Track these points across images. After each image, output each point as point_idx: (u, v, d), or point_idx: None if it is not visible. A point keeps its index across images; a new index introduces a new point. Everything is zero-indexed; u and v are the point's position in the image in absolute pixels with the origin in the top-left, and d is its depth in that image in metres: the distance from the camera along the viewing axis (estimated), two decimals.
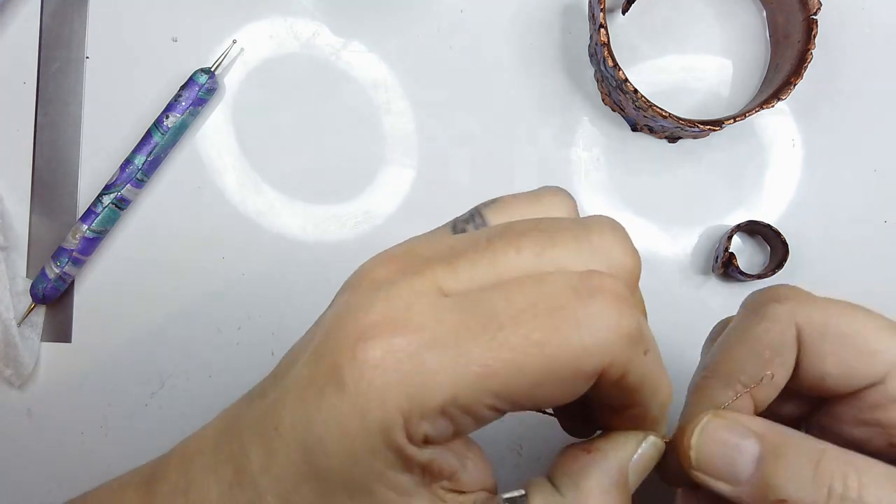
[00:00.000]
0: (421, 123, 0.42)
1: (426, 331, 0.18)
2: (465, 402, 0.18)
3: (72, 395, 0.41)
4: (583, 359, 0.18)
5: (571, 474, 0.21)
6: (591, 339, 0.18)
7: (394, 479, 0.19)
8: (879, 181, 0.42)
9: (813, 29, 0.38)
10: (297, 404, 0.19)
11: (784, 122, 0.42)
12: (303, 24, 0.42)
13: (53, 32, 0.42)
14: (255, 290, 0.42)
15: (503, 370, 0.18)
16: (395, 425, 0.18)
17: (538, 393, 0.19)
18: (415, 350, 0.18)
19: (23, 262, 0.41)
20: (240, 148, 0.42)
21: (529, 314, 0.18)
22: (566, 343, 0.18)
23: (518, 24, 0.43)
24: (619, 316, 0.19)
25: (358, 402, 0.18)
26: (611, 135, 0.42)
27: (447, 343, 0.18)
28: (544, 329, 0.18)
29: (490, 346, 0.18)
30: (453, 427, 0.19)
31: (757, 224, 0.41)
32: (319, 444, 0.19)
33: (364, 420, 0.18)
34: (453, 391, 0.18)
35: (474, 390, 0.18)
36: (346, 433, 0.18)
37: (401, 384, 0.18)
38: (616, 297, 0.19)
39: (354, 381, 0.18)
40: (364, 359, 0.18)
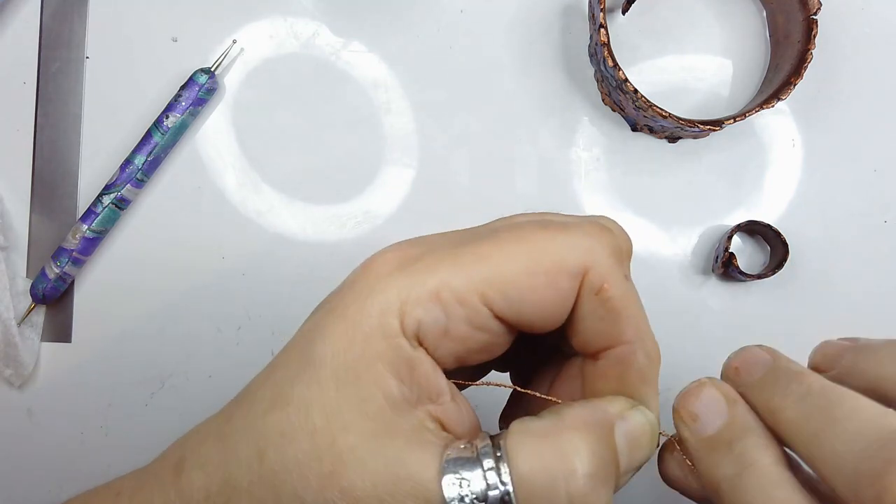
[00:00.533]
0: (421, 123, 0.42)
1: (428, 242, 0.21)
2: (457, 287, 0.20)
3: (72, 395, 0.41)
4: (566, 252, 0.20)
5: (553, 410, 0.21)
6: (575, 238, 0.21)
7: (382, 377, 0.20)
8: (879, 181, 0.42)
9: (813, 29, 0.38)
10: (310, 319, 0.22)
11: (784, 122, 0.42)
12: (303, 24, 0.42)
13: (53, 32, 0.42)
14: (255, 290, 0.42)
15: (493, 255, 0.20)
16: (390, 308, 0.20)
17: (526, 283, 0.20)
18: (415, 253, 0.21)
19: (23, 262, 0.41)
20: (240, 148, 0.42)
21: (525, 225, 0.21)
22: (552, 238, 0.20)
23: (518, 24, 0.43)
24: (602, 230, 0.21)
25: (361, 291, 0.20)
26: (611, 135, 0.42)
27: (449, 245, 0.21)
28: (534, 229, 0.21)
29: (483, 240, 0.21)
30: (445, 319, 0.20)
31: (757, 224, 0.41)
32: (318, 332, 0.20)
33: (363, 305, 0.20)
34: (447, 274, 0.20)
35: (465, 275, 0.20)
36: (344, 317, 0.20)
37: (401, 274, 0.20)
38: (601, 225, 0.22)
39: (363, 277, 0.20)
40: (370, 263, 0.21)
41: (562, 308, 0.21)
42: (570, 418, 0.20)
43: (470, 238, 0.21)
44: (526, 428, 0.20)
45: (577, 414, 0.20)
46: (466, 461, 0.19)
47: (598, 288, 0.21)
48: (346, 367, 0.20)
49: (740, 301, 0.42)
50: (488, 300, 0.20)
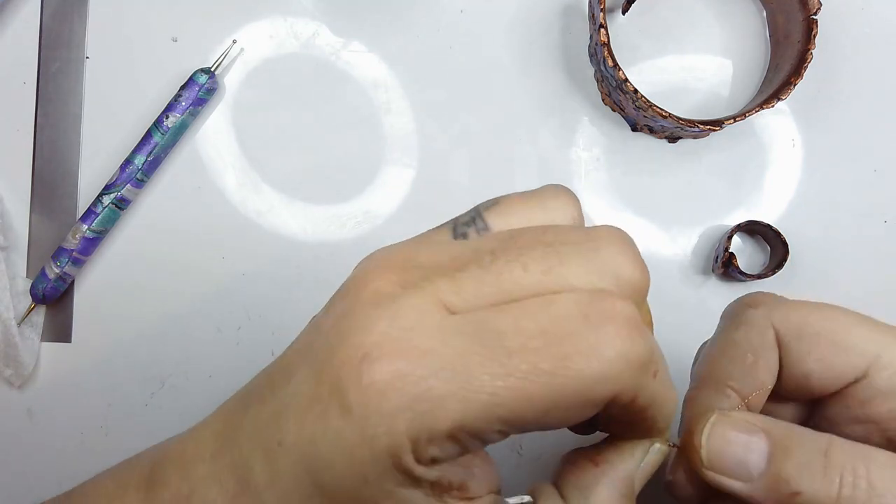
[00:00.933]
0: (421, 123, 0.42)
1: (432, 354, 0.18)
2: (472, 428, 0.18)
3: (72, 395, 0.41)
4: (593, 388, 0.18)
5: (580, 487, 0.21)
6: (601, 368, 0.18)
7: (404, 496, 0.19)
8: (879, 181, 0.42)
9: (813, 29, 0.38)
10: (301, 423, 0.19)
11: (784, 122, 0.42)
12: (303, 24, 0.42)
13: (53, 32, 0.42)
14: (255, 290, 0.42)
15: (512, 398, 0.18)
16: (403, 450, 0.18)
17: (546, 419, 0.19)
18: (421, 375, 0.18)
19: (23, 262, 0.41)
20: (240, 148, 0.42)
21: (539, 341, 0.18)
22: (576, 373, 0.18)
23: (518, 24, 0.43)
24: (630, 344, 0.19)
25: (365, 428, 0.18)
26: (611, 135, 0.42)
27: (454, 369, 0.18)
28: (554, 358, 0.18)
29: (498, 374, 0.18)
30: (461, 448, 0.19)
31: (757, 224, 0.41)
32: (327, 466, 0.19)
33: (372, 446, 0.18)
34: (461, 418, 0.18)
35: (482, 417, 0.18)
36: (353, 457, 0.18)
37: (408, 410, 0.18)
38: (626, 323, 0.19)
39: (360, 406, 0.18)
40: (369, 383, 0.18)
41: (584, 419, 0.20)
42: (597, 500, 0.21)
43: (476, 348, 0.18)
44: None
45: (605, 497, 0.21)
46: None
47: (627, 402, 0.20)
48: (364, 502, 0.19)
49: None
50: (505, 431, 0.19)
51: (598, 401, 0.19)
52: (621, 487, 0.22)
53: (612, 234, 0.20)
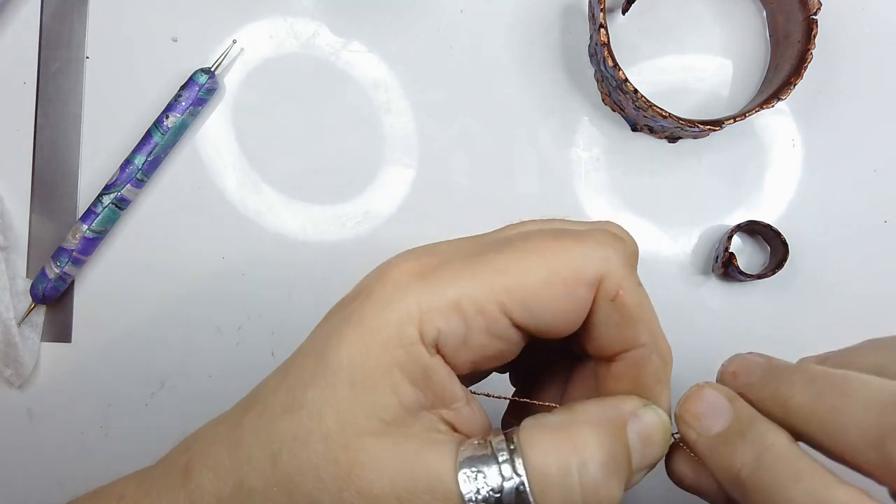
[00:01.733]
0: (421, 123, 0.42)
1: (448, 252, 0.21)
2: (477, 298, 0.20)
3: (72, 395, 0.41)
4: (582, 262, 0.21)
5: (566, 407, 0.22)
6: (590, 248, 0.21)
7: (398, 383, 0.20)
8: (879, 181, 0.42)
9: (813, 29, 0.38)
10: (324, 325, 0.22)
11: (784, 122, 0.42)
12: (303, 24, 0.42)
13: (53, 32, 0.42)
14: (255, 290, 0.42)
15: (512, 267, 0.20)
16: (409, 317, 0.20)
17: (545, 293, 0.20)
18: (437, 263, 0.21)
19: (23, 262, 0.41)
20: (240, 148, 0.42)
21: (539, 234, 0.21)
22: (568, 249, 0.21)
23: (518, 24, 0.43)
24: (615, 239, 0.22)
25: (379, 300, 0.20)
26: (611, 135, 0.42)
27: (465, 256, 0.21)
28: (550, 240, 0.21)
29: (501, 252, 0.21)
30: (465, 329, 0.20)
31: (757, 224, 0.41)
32: (335, 338, 0.20)
33: (381, 313, 0.20)
34: (468, 286, 0.20)
35: (486, 286, 0.20)
36: (361, 325, 0.20)
37: (420, 284, 0.20)
38: (616, 234, 0.22)
39: (380, 286, 0.20)
40: (390, 272, 0.21)
41: (578, 315, 0.21)
42: (582, 414, 0.21)
43: (485, 248, 0.21)
44: (538, 423, 0.21)
45: (589, 410, 0.21)
46: (481, 456, 0.19)
47: (614, 295, 0.21)
48: (361, 372, 0.20)
49: (740, 301, 0.42)
50: (507, 310, 0.20)
51: (587, 276, 0.21)
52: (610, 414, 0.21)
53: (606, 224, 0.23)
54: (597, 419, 0.21)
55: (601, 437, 0.20)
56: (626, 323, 0.22)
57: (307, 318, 0.23)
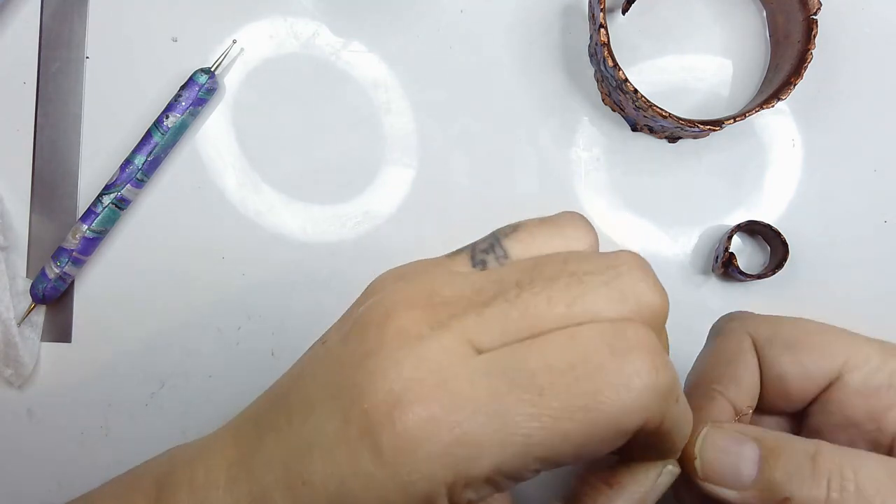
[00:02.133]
0: (421, 123, 0.42)
1: (464, 397, 0.18)
2: (509, 470, 0.19)
3: (72, 395, 0.41)
4: (624, 419, 0.19)
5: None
6: (631, 399, 0.18)
7: None
8: (879, 181, 0.42)
9: (813, 29, 0.38)
10: (328, 462, 0.19)
11: (784, 122, 0.42)
12: (303, 24, 0.42)
13: (53, 32, 0.42)
14: (255, 290, 0.42)
15: (547, 437, 0.18)
16: (439, 495, 0.18)
17: (581, 452, 0.19)
18: (455, 420, 0.18)
19: (23, 262, 0.41)
20: (240, 148, 0.42)
21: (569, 377, 0.18)
22: (608, 406, 0.18)
23: (518, 24, 0.43)
24: (656, 374, 0.19)
25: (399, 474, 0.18)
26: (611, 135, 0.42)
27: (488, 411, 0.18)
28: (585, 393, 0.18)
29: (532, 415, 0.18)
30: (496, 489, 0.19)
31: (757, 224, 0.41)
32: (361, 481, 0.19)
33: (407, 492, 0.18)
34: (499, 462, 0.18)
35: (519, 458, 0.18)
36: (386, 501, 0.19)
37: (444, 456, 0.18)
38: (651, 353, 0.19)
39: (394, 451, 0.18)
40: (403, 428, 0.18)
41: (614, 448, 0.20)
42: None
43: (507, 388, 0.19)
44: None
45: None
46: None
47: (653, 429, 0.20)
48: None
49: (740, 301, 0.42)
50: (541, 469, 0.19)
51: (629, 431, 0.19)
52: None
53: (631, 260, 0.21)
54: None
55: None
56: (661, 440, 0.21)
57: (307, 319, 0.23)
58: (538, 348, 0.19)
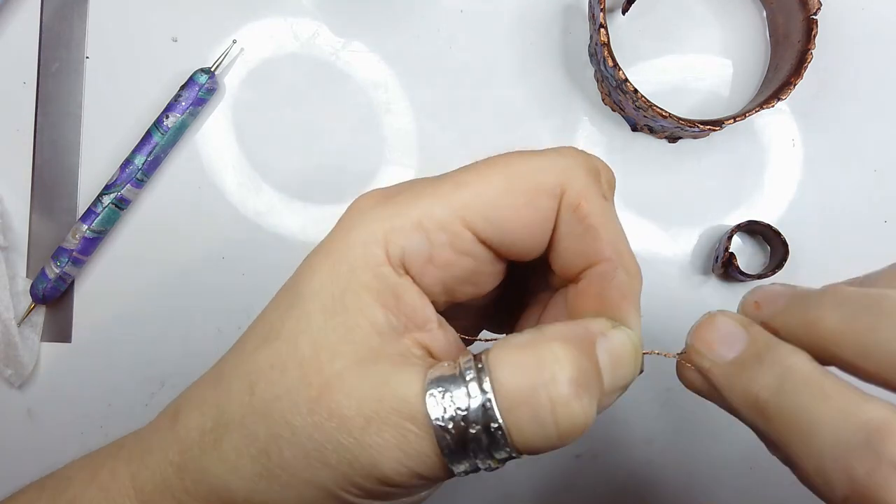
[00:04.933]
0: (421, 123, 0.42)
1: (412, 181, 0.22)
2: (438, 214, 0.20)
3: (72, 395, 0.41)
4: (543, 172, 0.21)
5: (535, 327, 0.21)
6: (551, 159, 0.21)
7: (368, 306, 0.20)
8: (879, 181, 0.42)
9: (813, 29, 0.38)
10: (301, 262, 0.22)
11: (784, 122, 0.42)
12: (303, 24, 0.42)
13: (53, 32, 0.42)
14: (255, 290, 0.41)
15: (472, 181, 0.21)
16: (374, 239, 0.20)
17: (506, 204, 0.21)
18: (400, 189, 0.21)
19: (23, 262, 0.41)
20: (240, 148, 0.42)
21: (500, 154, 0.21)
22: (528, 161, 0.21)
23: (518, 24, 0.43)
24: (578, 152, 0.22)
25: (344, 227, 0.21)
26: (611, 135, 0.42)
27: (428, 181, 0.21)
28: (510, 156, 0.21)
29: (462, 171, 0.21)
30: (429, 245, 0.20)
31: (757, 224, 0.41)
32: (306, 269, 0.21)
33: (346, 238, 0.21)
34: (428, 203, 0.20)
35: (445, 202, 0.20)
36: (329, 253, 0.21)
37: (383, 207, 0.21)
38: (584, 152, 0.22)
39: (347, 215, 0.21)
40: (356, 202, 0.21)
41: (543, 229, 0.21)
42: (550, 332, 0.20)
43: (448, 173, 0.22)
44: (506, 342, 0.20)
45: (558, 329, 0.20)
46: (449, 377, 0.19)
47: (576, 205, 0.21)
48: (332, 298, 0.20)
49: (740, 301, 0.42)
50: (470, 224, 0.21)
51: (547, 185, 0.21)
52: (580, 332, 0.20)
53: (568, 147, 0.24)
54: (565, 336, 0.20)
55: (570, 353, 0.19)
56: (590, 235, 0.21)
57: None
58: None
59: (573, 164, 0.21)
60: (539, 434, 0.19)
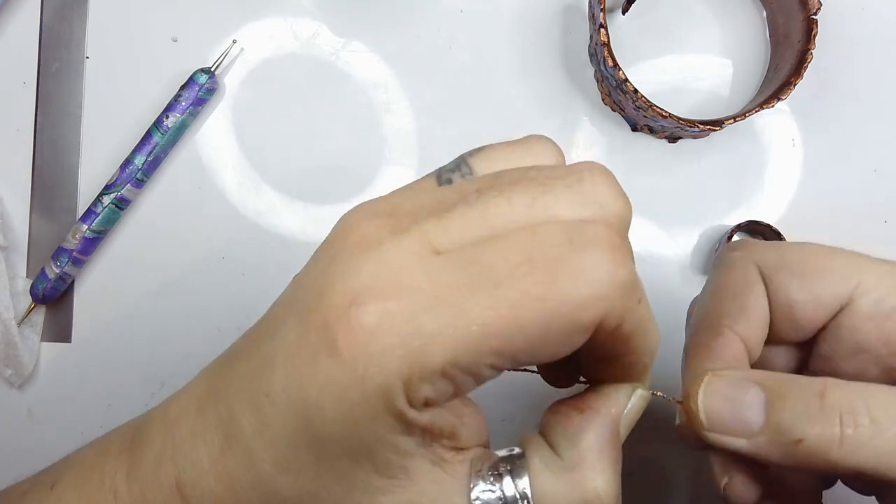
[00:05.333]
0: (421, 123, 0.42)
1: (421, 292, 0.18)
2: (465, 363, 0.18)
3: (72, 395, 0.41)
4: (581, 311, 0.18)
5: (567, 434, 0.21)
6: (588, 290, 0.18)
7: (395, 442, 0.19)
8: (879, 181, 0.42)
9: (813, 29, 0.38)
10: (289, 369, 0.19)
11: (784, 122, 0.42)
12: (303, 24, 0.42)
13: (53, 32, 0.42)
14: (255, 290, 0.41)
15: (503, 327, 0.18)
16: (395, 391, 0.18)
17: (538, 347, 0.19)
18: (410, 313, 0.18)
19: (23, 262, 0.41)
20: (240, 148, 0.42)
21: (526, 268, 0.18)
22: (565, 296, 0.18)
23: (518, 24, 0.43)
24: (615, 266, 0.18)
25: (355, 369, 0.18)
26: (611, 135, 0.42)
27: (444, 303, 0.18)
28: (542, 283, 0.18)
29: (488, 304, 0.18)
30: (453, 387, 0.19)
31: (757, 224, 0.41)
32: (317, 411, 0.19)
33: (363, 387, 0.18)
34: (453, 353, 0.18)
35: (474, 350, 0.18)
36: (344, 399, 0.18)
37: (399, 348, 0.18)
38: (611, 247, 0.18)
39: (350, 347, 0.18)
40: (359, 324, 0.18)
41: (573, 349, 0.20)
42: (585, 445, 0.21)
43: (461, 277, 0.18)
44: (546, 466, 0.21)
45: (593, 443, 0.21)
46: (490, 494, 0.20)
47: (614, 328, 0.19)
48: (355, 447, 0.19)
49: None
50: (498, 365, 0.19)
51: (587, 324, 0.18)
52: (608, 432, 0.21)
53: (594, 167, 0.20)
54: (600, 450, 0.21)
55: (606, 474, 0.20)
56: (624, 346, 0.20)
57: None
58: (497, 244, 0.19)
59: (613, 291, 0.18)
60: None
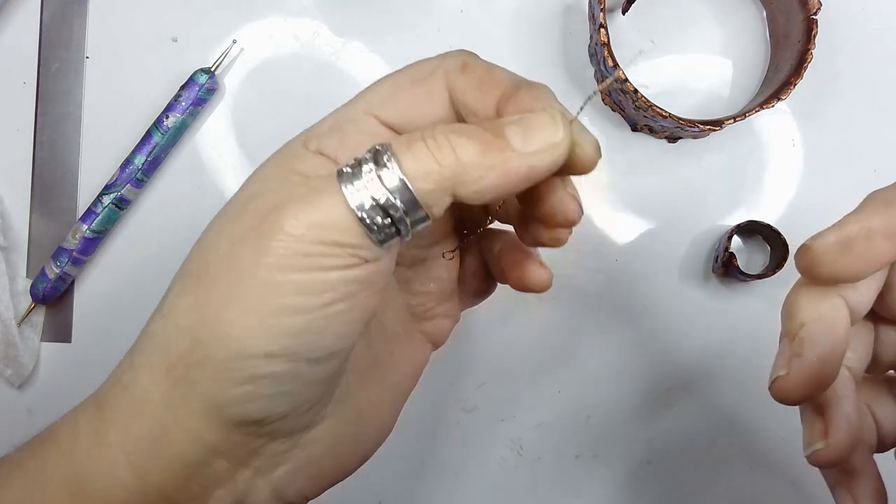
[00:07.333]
0: None
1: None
2: (347, 113, 0.26)
3: (72, 395, 0.41)
4: (423, 63, 0.26)
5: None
6: (432, 59, 0.26)
7: (298, 166, 0.26)
8: (879, 181, 0.42)
9: (813, 29, 0.38)
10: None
11: (784, 122, 0.42)
12: (303, 24, 0.42)
13: (53, 32, 0.42)
14: None
15: (371, 87, 0.26)
16: (296, 143, 0.27)
17: (398, 93, 0.26)
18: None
19: (23, 262, 0.41)
20: (240, 148, 0.42)
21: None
22: (413, 64, 0.26)
23: (518, 24, 0.43)
24: (459, 51, 0.26)
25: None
26: (611, 135, 0.42)
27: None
28: (401, 69, 0.26)
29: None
30: (340, 133, 0.26)
31: (757, 224, 0.41)
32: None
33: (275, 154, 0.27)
34: (340, 110, 0.26)
35: (352, 104, 0.26)
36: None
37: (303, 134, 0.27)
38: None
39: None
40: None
41: (439, 108, 0.25)
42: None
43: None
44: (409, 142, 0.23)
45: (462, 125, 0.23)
46: (356, 171, 0.21)
47: (461, 68, 0.25)
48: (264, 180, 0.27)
49: (740, 301, 0.42)
50: (372, 111, 0.25)
51: (431, 68, 0.26)
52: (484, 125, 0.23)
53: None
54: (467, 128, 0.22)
55: (475, 137, 0.21)
56: (486, 84, 0.24)
57: None
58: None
59: (451, 54, 0.25)
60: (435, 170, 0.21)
